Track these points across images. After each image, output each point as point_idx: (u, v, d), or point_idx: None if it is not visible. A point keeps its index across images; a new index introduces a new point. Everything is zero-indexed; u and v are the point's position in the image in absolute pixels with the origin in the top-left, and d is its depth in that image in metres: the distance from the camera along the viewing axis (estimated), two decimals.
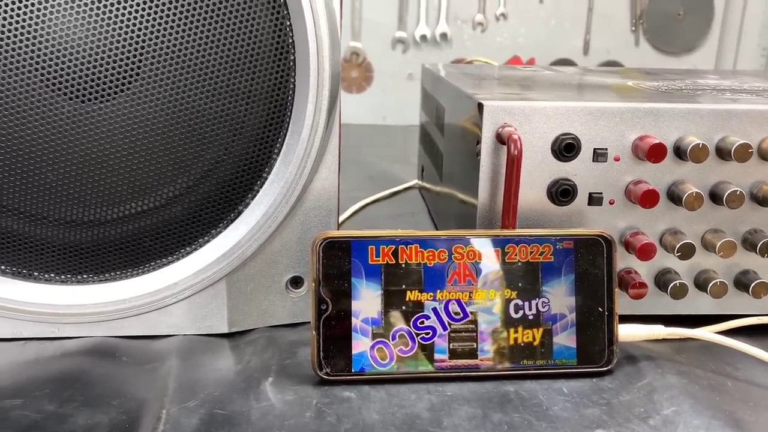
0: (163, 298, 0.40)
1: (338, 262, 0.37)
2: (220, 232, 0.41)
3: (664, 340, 0.40)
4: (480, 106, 0.40)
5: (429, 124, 0.68)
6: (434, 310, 0.37)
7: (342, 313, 0.37)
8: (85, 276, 0.41)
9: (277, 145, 0.40)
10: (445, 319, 0.37)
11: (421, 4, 1.38)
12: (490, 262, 0.37)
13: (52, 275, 0.40)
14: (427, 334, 0.37)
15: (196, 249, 0.41)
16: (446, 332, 0.37)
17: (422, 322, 0.37)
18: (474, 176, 0.41)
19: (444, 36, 1.41)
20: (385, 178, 0.81)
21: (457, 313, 0.37)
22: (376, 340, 0.37)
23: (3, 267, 0.40)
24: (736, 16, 1.47)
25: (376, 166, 0.89)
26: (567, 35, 1.57)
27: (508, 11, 1.58)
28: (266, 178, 0.40)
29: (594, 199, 0.41)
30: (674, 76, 0.61)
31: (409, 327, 0.37)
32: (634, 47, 1.59)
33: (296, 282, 0.43)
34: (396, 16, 1.39)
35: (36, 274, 0.40)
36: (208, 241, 0.41)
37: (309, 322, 0.43)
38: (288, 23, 0.38)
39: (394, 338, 0.37)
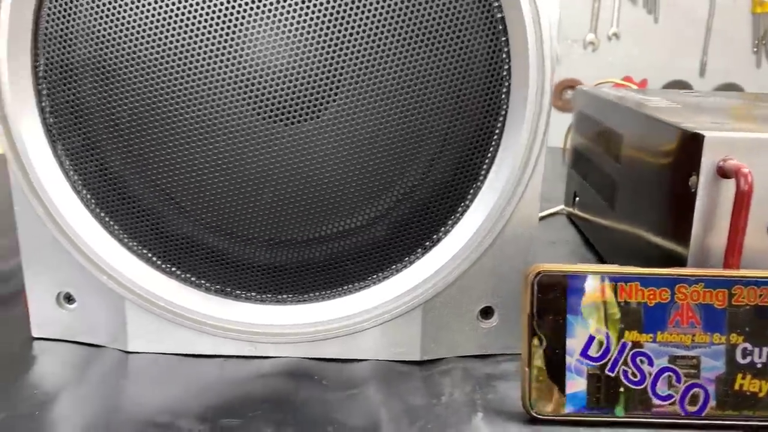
0: (361, 321, 0.40)
1: (553, 296, 0.35)
2: (419, 257, 0.40)
3: None
4: (697, 137, 0.38)
5: (590, 149, 0.66)
6: (654, 352, 0.35)
7: (556, 351, 0.35)
8: (284, 296, 0.41)
9: (483, 167, 0.39)
10: (666, 362, 0.35)
11: None
12: (716, 304, 0.35)
13: (253, 294, 0.41)
14: (646, 376, 0.35)
15: (394, 273, 0.40)
16: (666, 376, 0.35)
17: (641, 363, 0.35)
18: (683, 211, 0.39)
19: None
20: None
21: (678, 357, 0.35)
22: (592, 380, 0.35)
23: (208, 284, 0.41)
24: None
25: None
26: (682, 56, 1.51)
27: (620, 31, 1.53)
28: (469, 205, 0.39)
29: None
30: None
31: (627, 368, 0.35)
32: (756, 69, 1.51)
33: (487, 312, 0.42)
34: None
35: (238, 292, 0.41)
36: (406, 266, 0.40)
37: (498, 355, 0.43)
38: (501, 27, 0.36)
39: (610, 379, 0.35)
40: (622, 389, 0.35)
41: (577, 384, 0.35)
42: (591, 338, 0.35)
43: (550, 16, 0.36)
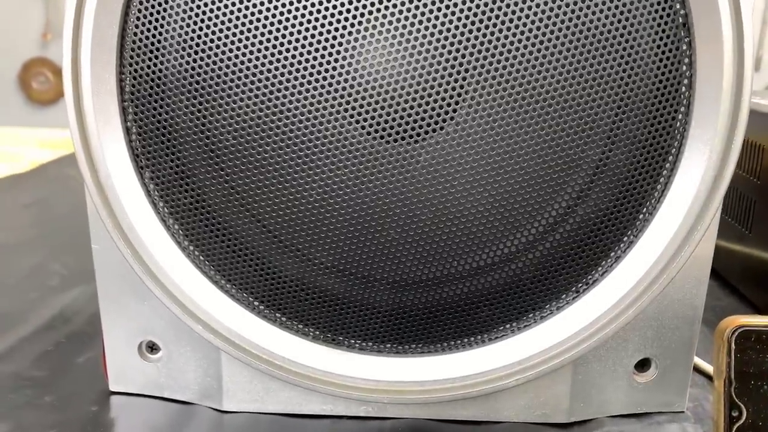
0: (498, 378, 0.34)
1: (756, 357, 0.29)
2: (570, 303, 0.34)
3: None
4: None
5: None
6: None
7: (760, 424, 0.29)
8: (407, 346, 0.35)
9: (654, 194, 0.32)
10: None
11: None
12: None
13: (370, 344, 0.35)
14: None
15: (539, 321, 0.34)
16: None
17: None
18: None
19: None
20: None
21: None
22: None
23: (316, 332, 0.35)
24: None
25: None
26: None
27: None
28: (634, 240, 0.33)
29: None
30: None
31: None
32: None
33: (643, 365, 0.36)
34: None
35: (353, 341, 0.35)
36: (553, 313, 0.34)
37: (656, 413, 0.36)
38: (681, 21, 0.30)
39: None
40: None
41: None
42: None
43: None
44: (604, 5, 0.29)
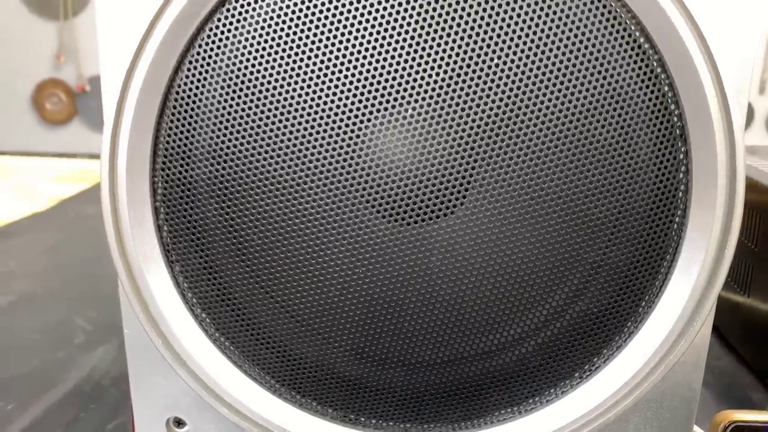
0: None
1: None
2: (572, 388, 0.36)
3: None
4: None
5: None
6: None
7: None
8: (420, 426, 0.37)
9: (648, 295, 0.34)
10: None
11: None
12: None
13: (389, 423, 0.37)
14: None
15: (543, 405, 0.36)
16: None
17: None
18: None
19: None
20: None
21: None
22: None
23: (333, 412, 0.37)
24: None
25: None
26: None
27: None
28: (632, 332, 0.35)
29: None
30: None
31: None
32: None
33: None
34: None
35: (370, 421, 0.37)
36: (557, 398, 0.36)
37: None
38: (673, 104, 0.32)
39: None
40: None
41: None
42: None
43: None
44: (606, 121, 0.31)
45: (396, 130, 0.31)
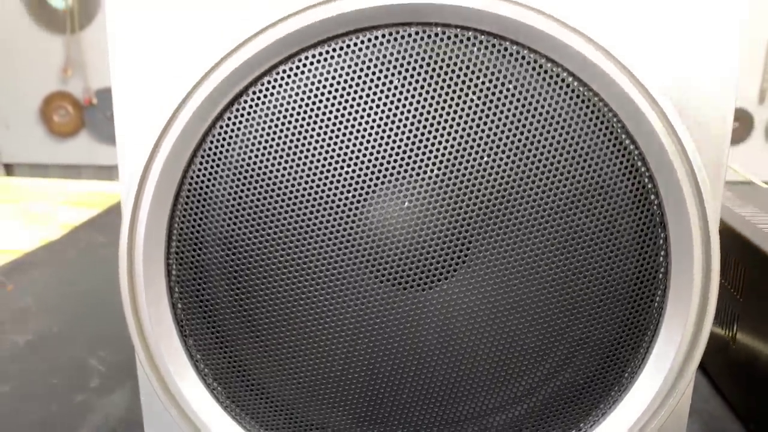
0: None
1: None
2: None
3: None
4: None
5: None
6: None
7: None
8: None
9: (631, 366, 0.37)
10: None
11: None
12: None
13: None
14: None
15: None
16: None
17: None
18: None
19: None
20: None
21: None
22: None
23: None
24: None
25: None
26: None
27: None
28: (616, 399, 0.37)
29: None
30: None
31: None
32: None
33: None
34: None
35: None
36: None
37: None
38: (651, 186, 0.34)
39: None
40: None
41: None
42: None
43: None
44: (589, 211, 0.34)
45: (396, 200, 0.34)
